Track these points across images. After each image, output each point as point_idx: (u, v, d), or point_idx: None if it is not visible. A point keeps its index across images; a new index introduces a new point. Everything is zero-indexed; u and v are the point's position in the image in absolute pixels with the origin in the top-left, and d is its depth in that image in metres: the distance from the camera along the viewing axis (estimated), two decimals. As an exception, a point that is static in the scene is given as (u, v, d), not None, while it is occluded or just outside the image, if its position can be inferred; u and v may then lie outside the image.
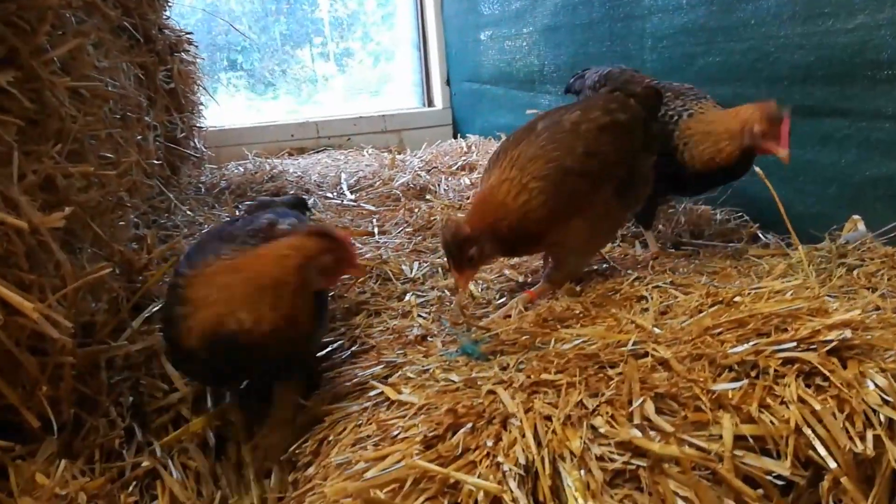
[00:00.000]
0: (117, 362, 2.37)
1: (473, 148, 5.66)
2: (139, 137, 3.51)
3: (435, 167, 5.11)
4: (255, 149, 6.65)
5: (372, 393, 1.96)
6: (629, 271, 2.51)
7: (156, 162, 3.85)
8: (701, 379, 1.57)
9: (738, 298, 1.91)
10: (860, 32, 2.69)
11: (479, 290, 2.74)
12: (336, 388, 2.14)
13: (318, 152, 6.84)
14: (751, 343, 1.65)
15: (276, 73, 7.40)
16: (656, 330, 1.82)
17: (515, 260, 3.02)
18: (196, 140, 5.34)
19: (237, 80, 7.42)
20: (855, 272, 2.47)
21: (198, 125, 5.25)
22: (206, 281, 1.89)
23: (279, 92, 7.51)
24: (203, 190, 4.75)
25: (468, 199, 4.32)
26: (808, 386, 1.54)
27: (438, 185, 4.65)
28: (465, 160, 5.29)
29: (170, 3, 4.89)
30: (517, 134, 2.49)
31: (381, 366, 2.19)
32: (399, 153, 6.23)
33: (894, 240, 2.62)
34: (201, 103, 5.41)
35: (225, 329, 1.79)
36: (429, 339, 2.37)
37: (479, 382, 1.80)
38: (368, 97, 7.67)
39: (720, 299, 1.97)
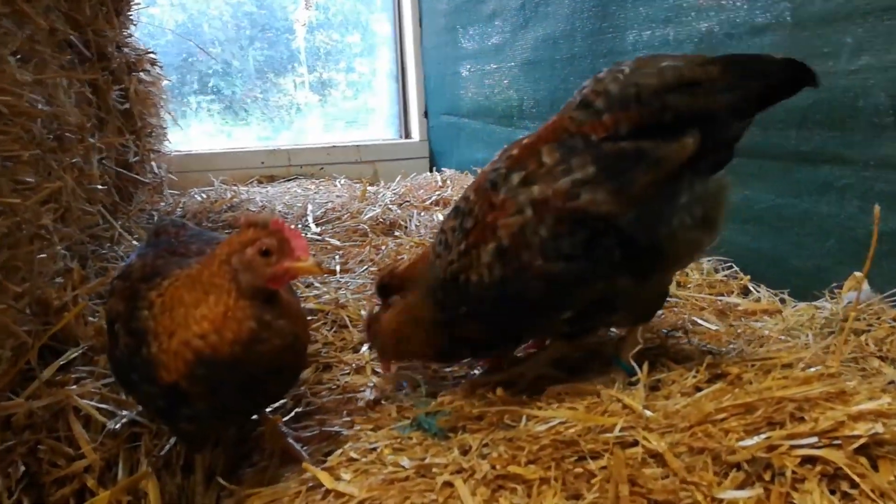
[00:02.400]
0: (16, 422, 2.02)
1: (448, 182, 5.40)
2: (79, 160, 3.20)
3: (407, 201, 4.84)
4: (223, 175, 6.34)
5: (307, 475, 1.64)
6: (612, 331, 2.23)
7: (99, 187, 3.53)
8: (704, 482, 1.28)
9: (742, 375, 1.63)
10: (864, 74, 2.48)
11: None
12: (266, 464, 1.82)
13: (288, 181, 6.54)
14: (762, 436, 1.36)
15: (257, 101, 7.13)
16: (647, 413, 1.53)
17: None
18: (155, 165, 5.02)
19: (208, 103, 7.13)
20: (863, 338, 2.22)
21: (155, 149, 4.92)
22: (167, 301, 1.61)
23: (251, 118, 7.23)
24: (156, 218, 4.41)
25: (440, 237, 4.04)
26: (831, 492, 1.26)
27: (409, 220, 4.37)
28: (438, 195, 5.02)
29: (133, 22, 4.63)
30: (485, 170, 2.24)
31: (325, 440, 1.88)
32: (371, 184, 5.96)
33: (903, 302, 2.37)
34: (163, 126, 5.10)
35: (193, 351, 1.53)
36: (383, 402, 2.06)
37: (433, 470, 1.49)
38: (344, 127, 7.42)
39: (719, 372, 1.69)
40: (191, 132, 6.89)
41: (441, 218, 4.43)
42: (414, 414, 1.81)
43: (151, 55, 4.76)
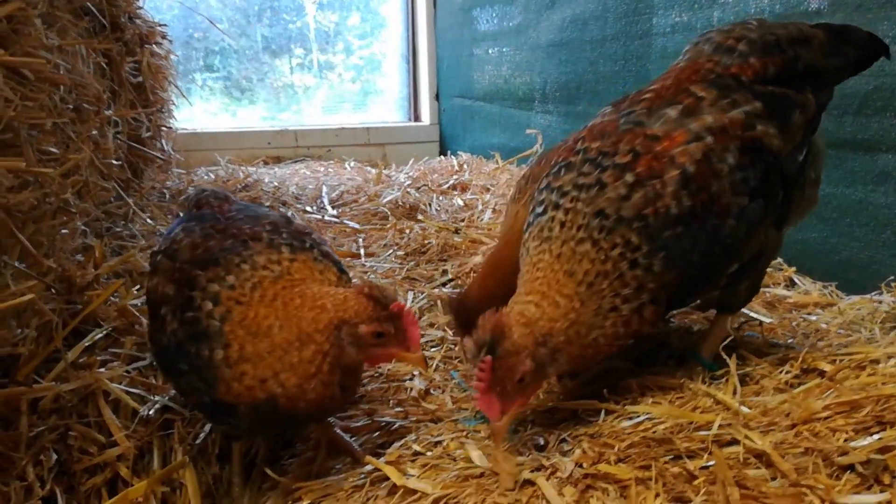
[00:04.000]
0: (43, 406, 1.90)
1: (465, 167, 5.27)
2: (95, 133, 3.05)
3: (425, 185, 4.71)
4: (229, 155, 6.19)
5: (367, 468, 1.53)
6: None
7: (114, 162, 3.38)
8: (820, 485, 1.17)
9: (837, 372, 1.52)
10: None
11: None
12: (313, 454, 1.71)
13: (295, 162, 6.40)
14: (875, 436, 1.26)
15: (252, 81, 6.95)
16: (744, 409, 1.43)
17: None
18: (163, 141, 4.86)
19: (213, 82, 6.95)
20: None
21: (166, 125, 4.76)
22: (252, 320, 1.47)
23: (257, 98, 7.05)
24: (168, 196, 4.27)
25: (462, 221, 3.92)
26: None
27: (429, 204, 4.25)
28: (456, 179, 4.89)
29: (142, -8, 4.46)
30: (550, 156, 2.11)
31: (376, 431, 1.77)
32: (384, 168, 5.83)
33: (969, 297, 2.27)
34: (172, 102, 4.94)
35: (266, 392, 1.45)
36: (432, 392, 1.95)
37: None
38: (351, 109, 7.25)
39: (806, 367, 1.59)
40: (194, 111, 6.71)
41: (460, 203, 4.31)
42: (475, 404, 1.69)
43: (162, 27, 4.60)
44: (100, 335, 2.26)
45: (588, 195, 1.55)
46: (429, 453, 1.52)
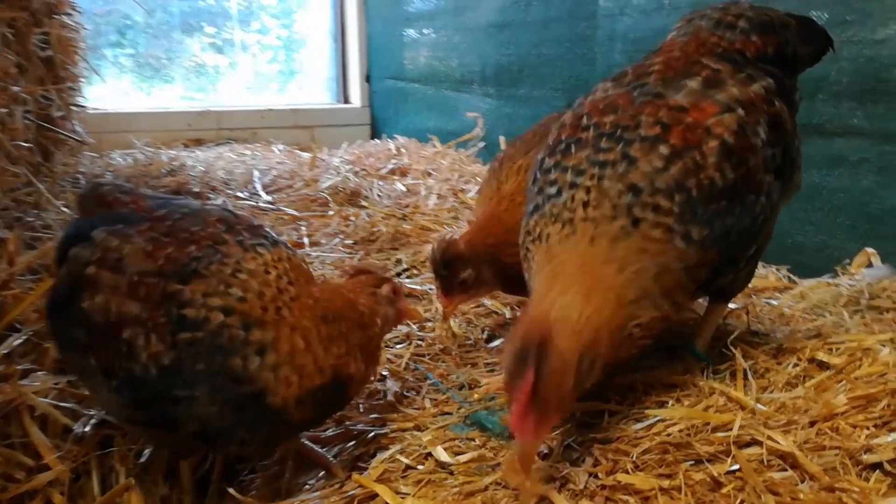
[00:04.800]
0: (-44, 427, 1.64)
1: (403, 150, 5.09)
2: (3, 111, 2.72)
3: (364, 169, 4.51)
4: (145, 137, 5.77)
5: (350, 486, 1.37)
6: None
7: (24, 144, 3.04)
8: (854, 487, 1.11)
9: (847, 365, 1.47)
10: (892, 44, 2.38)
11: (459, 325, 2.19)
12: (278, 469, 1.54)
13: (218, 145, 6.04)
14: (898, 432, 1.21)
15: (167, 59, 6.52)
16: (759, 406, 1.35)
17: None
18: (74, 122, 4.46)
19: (125, 59, 6.47)
20: (888, 315, 2.14)
21: (77, 104, 4.36)
22: (292, 316, 1.39)
23: (174, 76, 6.62)
24: (82, 182, 3.91)
25: (407, 207, 3.77)
26: None
27: (371, 189, 4.06)
28: (395, 163, 4.72)
29: (50, -45, 4.04)
30: (525, 138, 2.00)
31: (349, 441, 1.61)
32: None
33: (927, 280, 2.31)
34: (82, 79, 4.53)
35: (342, 375, 1.43)
36: (405, 394, 1.80)
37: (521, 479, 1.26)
38: (277, 90, 6.92)
39: (811, 358, 1.53)
40: (105, 89, 6.23)
41: (402, 188, 4.15)
42: (468, 410, 1.56)
43: (71, -3, 4.20)
44: (18, 341, 1.99)
45: (615, 171, 1.41)
46: (420, 467, 1.37)
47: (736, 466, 1.20)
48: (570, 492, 1.22)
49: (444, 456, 1.37)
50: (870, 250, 2.54)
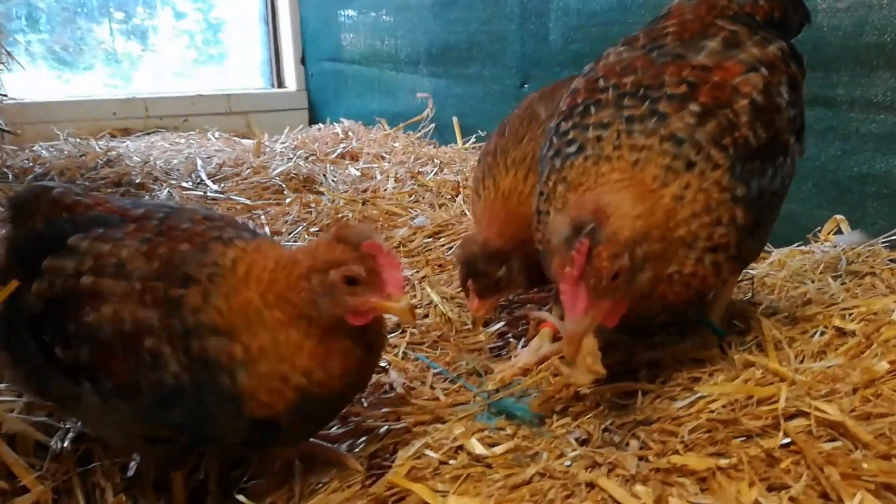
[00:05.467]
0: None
1: (351, 134, 4.94)
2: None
3: (313, 154, 4.34)
4: (68, 128, 5.40)
5: (376, 486, 1.28)
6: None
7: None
8: (914, 454, 1.10)
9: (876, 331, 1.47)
10: (856, 12, 2.43)
11: (452, 310, 2.10)
12: (285, 472, 1.43)
13: (148, 134, 5.73)
14: (941, 395, 1.21)
15: (87, 43, 6.11)
16: (797, 377, 1.33)
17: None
18: (-5, 114, 4.12)
19: (39, 45, 6.03)
20: (866, 279, 2.19)
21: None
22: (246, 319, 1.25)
23: (94, 62, 6.22)
24: (10, 177, 3.60)
25: (365, 191, 3.64)
26: None
27: (324, 175, 3.91)
28: (344, 147, 4.57)
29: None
30: (512, 126, 1.93)
31: (360, 437, 1.51)
32: (246, 137, 5.36)
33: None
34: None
35: (294, 390, 1.25)
36: (410, 385, 1.71)
37: (561, 468, 1.20)
38: (207, 74, 6.59)
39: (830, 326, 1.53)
40: (18, 77, 5.78)
41: (356, 173, 4.01)
42: (484, 399, 1.49)
43: (-18, -25, 3.85)
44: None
45: (644, 126, 1.37)
46: (452, 461, 1.29)
47: (787, 440, 1.17)
48: (620, 477, 1.16)
49: (479, 448, 1.29)
50: (839, 217, 2.60)
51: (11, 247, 1.48)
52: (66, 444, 1.58)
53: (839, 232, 2.60)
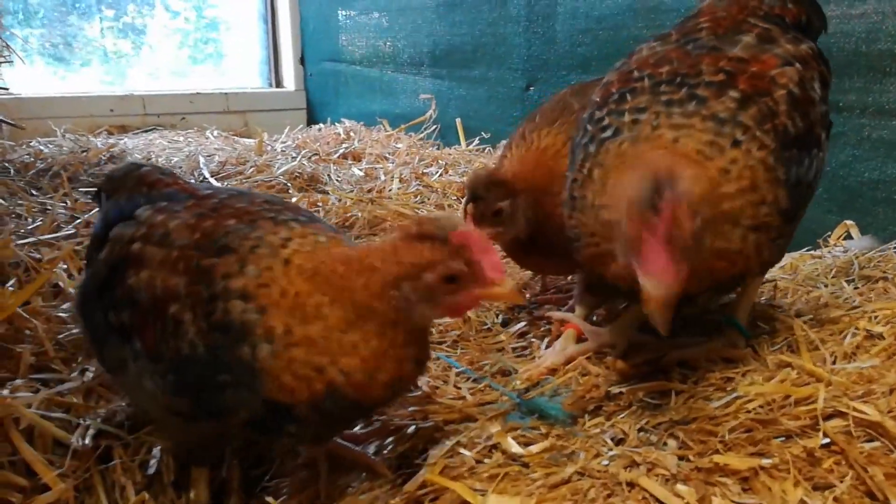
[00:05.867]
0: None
1: (353, 134, 4.92)
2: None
3: (316, 154, 4.32)
4: (64, 124, 5.34)
5: (408, 485, 1.27)
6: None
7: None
8: (954, 455, 1.10)
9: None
10: (869, 19, 2.45)
11: (473, 310, 2.09)
12: (308, 474, 1.42)
13: (146, 132, 5.68)
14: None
15: (98, 38, 6.06)
16: (833, 378, 1.33)
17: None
18: (-5, 108, 4.07)
19: (36, 40, 5.97)
20: (879, 284, 2.20)
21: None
22: (294, 301, 1.18)
23: (92, 58, 6.16)
24: (12, 171, 3.56)
25: (370, 192, 3.63)
26: None
27: (328, 174, 3.89)
28: (346, 148, 4.54)
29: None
30: (544, 113, 1.96)
31: (387, 437, 1.50)
32: (245, 136, 5.33)
33: (909, 249, 2.39)
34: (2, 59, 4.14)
35: (325, 383, 1.17)
36: (431, 384, 1.70)
37: (599, 468, 1.19)
38: (205, 72, 6.56)
39: (857, 328, 1.54)
40: (15, 73, 5.73)
41: (360, 173, 4.00)
42: (510, 399, 1.48)
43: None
44: (-18, 345, 1.77)
45: (684, 108, 1.38)
46: (487, 460, 1.28)
47: (827, 440, 1.17)
48: (660, 477, 1.16)
49: (515, 447, 1.29)
50: (849, 222, 2.62)
51: (104, 218, 1.54)
52: (86, 441, 1.55)
53: (849, 237, 2.62)
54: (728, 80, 1.41)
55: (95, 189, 1.80)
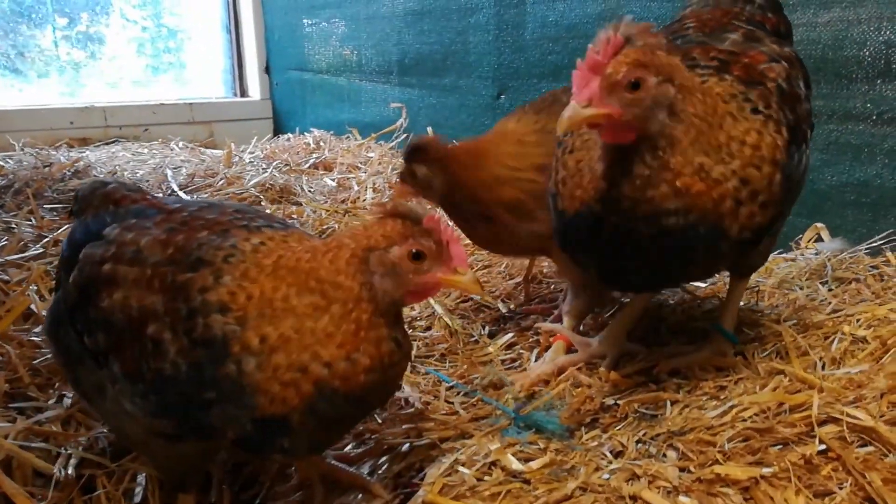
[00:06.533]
0: None
1: (322, 144, 4.88)
2: None
3: (287, 165, 4.28)
4: (23, 137, 5.20)
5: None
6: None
7: None
8: (947, 457, 1.12)
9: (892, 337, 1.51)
10: (835, 27, 2.51)
11: (459, 322, 2.08)
12: (302, 497, 1.39)
13: (108, 144, 5.56)
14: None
15: (54, 50, 5.90)
16: (824, 384, 1.36)
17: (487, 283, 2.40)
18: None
19: (-13, 51, 5.80)
20: (852, 285, 2.26)
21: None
22: (264, 300, 1.16)
23: (49, 69, 6.00)
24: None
25: (344, 202, 3.61)
26: None
27: (300, 185, 3.85)
28: (317, 157, 4.51)
29: None
30: (533, 104, 2.04)
31: (382, 456, 1.48)
32: (208, 147, 5.25)
33: (877, 250, 2.45)
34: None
35: (312, 382, 1.15)
36: (421, 402, 1.68)
37: (601, 482, 1.19)
38: (167, 82, 6.44)
39: (843, 332, 1.57)
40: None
41: (332, 183, 3.97)
42: (505, 414, 1.47)
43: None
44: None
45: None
46: (487, 478, 1.27)
47: (823, 446, 1.19)
48: (661, 489, 1.16)
49: (515, 464, 1.28)
50: (819, 225, 2.68)
51: (70, 238, 1.49)
52: (69, 471, 1.50)
53: (819, 239, 2.68)
54: (721, 66, 1.46)
55: (63, 206, 1.76)
